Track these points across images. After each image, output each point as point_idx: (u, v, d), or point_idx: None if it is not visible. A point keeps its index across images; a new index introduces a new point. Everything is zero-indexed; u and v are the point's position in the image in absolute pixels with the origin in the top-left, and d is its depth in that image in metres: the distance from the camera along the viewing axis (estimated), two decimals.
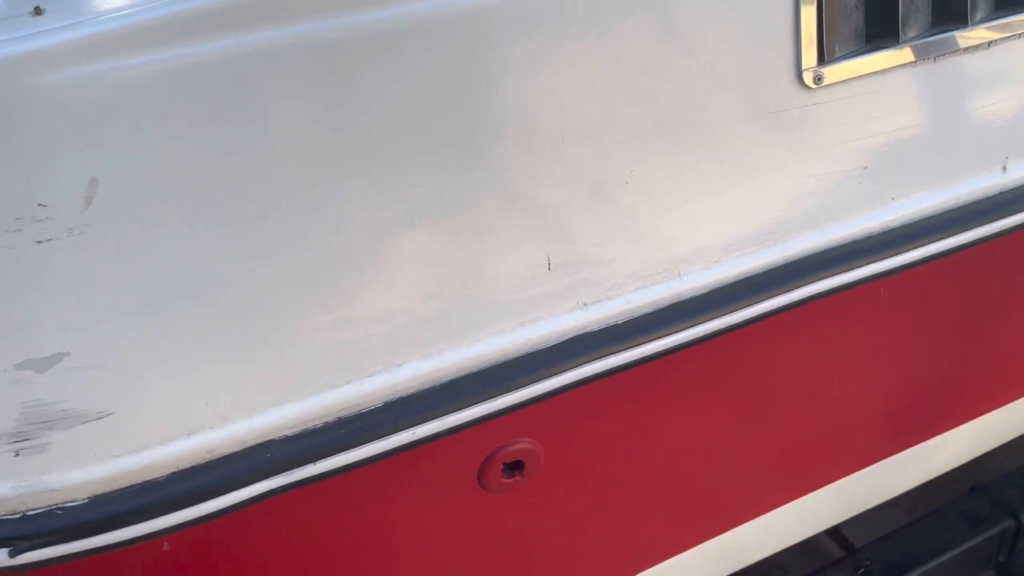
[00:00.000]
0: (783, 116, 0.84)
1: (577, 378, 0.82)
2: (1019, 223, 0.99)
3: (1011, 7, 0.93)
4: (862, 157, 0.90)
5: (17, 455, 0.64)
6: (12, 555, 0.65)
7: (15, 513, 0.65)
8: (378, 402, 0.75)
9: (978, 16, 0.91)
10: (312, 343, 0.72)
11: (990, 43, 0.92)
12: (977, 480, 1.68)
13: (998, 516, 1.76)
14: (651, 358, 0.85)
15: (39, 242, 0.61)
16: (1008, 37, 0.93)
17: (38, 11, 0.65)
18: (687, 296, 0.85)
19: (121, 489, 0.68)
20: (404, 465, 0.81)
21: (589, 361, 0.82)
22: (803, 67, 0.83)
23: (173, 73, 0.61)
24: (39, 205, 0.60)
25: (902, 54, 0.87)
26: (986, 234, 0.98)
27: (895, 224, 0.93)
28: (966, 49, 0.91)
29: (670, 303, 0.84)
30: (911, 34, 0.88)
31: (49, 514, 0.66)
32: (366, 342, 0.74)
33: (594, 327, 0.82)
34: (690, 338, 0.85)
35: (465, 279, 0.76)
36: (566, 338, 0.81)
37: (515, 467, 0.90)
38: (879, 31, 0.88)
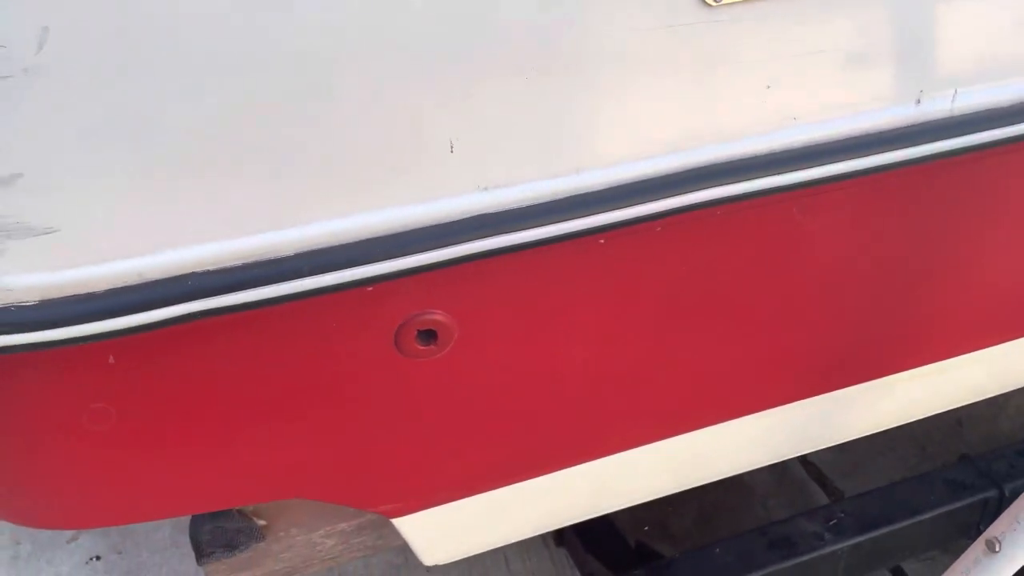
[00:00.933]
0: (682, 30, 0.90)
1: (474, 251, 0.91)
2: (933, 153, 1.02)
3: None
4: (764, 77, 0.95)
5: None
6: None
7: None
8: (289, 252, 0.86)
9: None
10: (229, 192, 0.83)
11: None
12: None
13: (982, 485, 1.77)
14: (544, 242, 0.93)
15: (1, 77, 0.73)
16: None
17: None
18: (585, 190, 0.93)
19: (66, 297, 0.81)
20: (321, 312, 0.92)
21: (485, 237, 0.91)
22: None
23: None
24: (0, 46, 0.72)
25: None
26: (897, 160, 1.01)
27: (797, 144, 0.98)
28: None
29: (568, 195, 0.92)
30: None
31: (5, 310, 0.80)
32: (280, 199, 0.85)
33: (493, 208, 0.91)
34: (586, 226, 0.93)
35: (374, 151, 0.86)
36: (468, 215, 0.90)
37: (430, 336, 1.00)
38: None
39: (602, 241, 0.96)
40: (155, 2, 0.74)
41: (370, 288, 0.90)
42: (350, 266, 0.88)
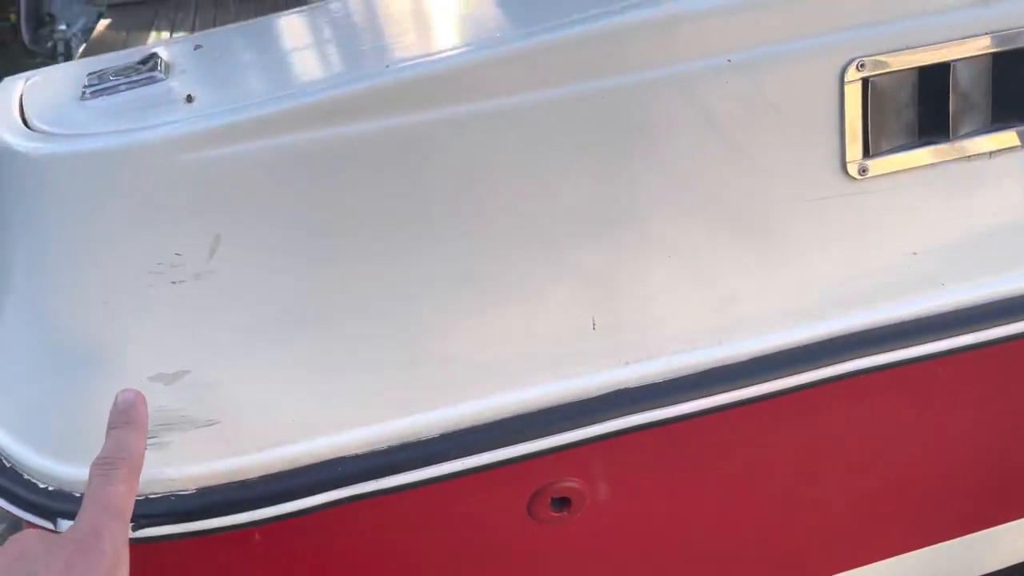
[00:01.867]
0: (827, 203, 0.88)
1: (616, 428, 0.89)
2: None
3: None
4: (911, 244, 0.92)
5: (145, 448, 0.79)
6: (134, 529, 0.79)
7: (140, 496, 0.79)
8: (435, 433, 0.85)
9: None
10: (382, 378, 0.83)
11: None
12: None
13: None
14: (688, 417, 0.90)
15: (173, 283, 0.76)
16: None
17: (190, 99, 0.80)
18: (727, 362, 0.90)
19: (221, 484, 0.82)
20: (461, 490, 0.91)
21: (628, 414, 0.89)
22: (847, 159, 0.87)
23: (283, 155, 0.75)
24: (176, 254, 0.75)
25: (954, 149, 0.89)
26: None
27: (946, 308, 0.94)
28: None
29: (710, 367, 0.90)
30: (964, 131, 0.89)
31: (165, 499, 0.81)
32: (429, 380, 0.85)
33: (634, 383, 0.89)
34: (729, 401, 0.90)
35: (516, 333, 0.85)
36: (606, 391, 0.89)
37: (563, 503, 0.98)
38: (936, 125, 0.90)
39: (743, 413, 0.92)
40: (305, 213, 0.77)
41: (513, 464, 0.89)
42: (497, 445, 0.87)
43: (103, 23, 2.31)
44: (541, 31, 0.79)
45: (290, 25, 1.01)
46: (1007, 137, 0.91)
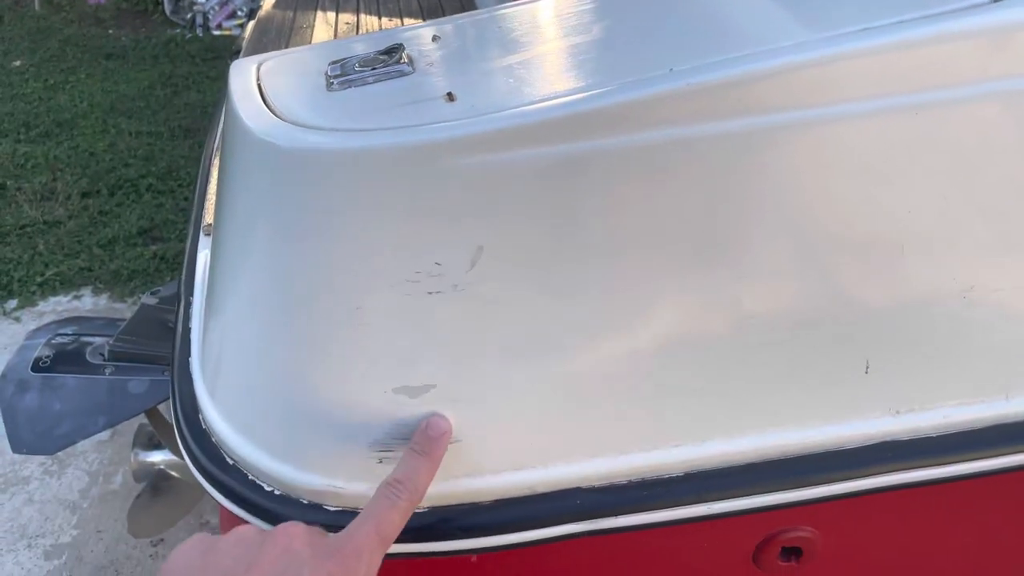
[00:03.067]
0: None
1: (874, 485, 0.80)
2: None
3: None
4: None
5: (380, 462, 0.75)
6: None
7: None
8: (678, 471, 0.79)
9: None
10: (627, 408, 0.77)
11: None
12: None
13: None
14: (959, 478, 0.81)
15: (430, 293, 0.71)
16: None
17: (451, 97, 0.75)
18: (1012, 420, 0.80)
19: (454, 505, 0.77)
20: (690, 532, 0.84)
21: (890, 471, 0.80)
22: None
23: (550, 166, 0.69)
24: (435, 263, 0.70)
25: None
26: None
27: None
28: None
29: (992, 423, 0.80)
30: None
31: None
32: (675, 415, 0.78)
33: (903, 436, 0.80)
34: (1008, 464, 0.80)
35: (779, 371, 0.77)
36: (872, 442, 0.80)
37: (792, 552, 0.90)
38: None
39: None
40: (574, 230, 0.71)
41: (756, 513, 0.81)
42: (738, 492, 0.79)
43: (269, 1, 2.33)
44: (850, 36, 0.70)
45: (525, 19, 0.95)
46: None
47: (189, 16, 5.82)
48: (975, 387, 0.79)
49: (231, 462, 0.81)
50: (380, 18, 2.14)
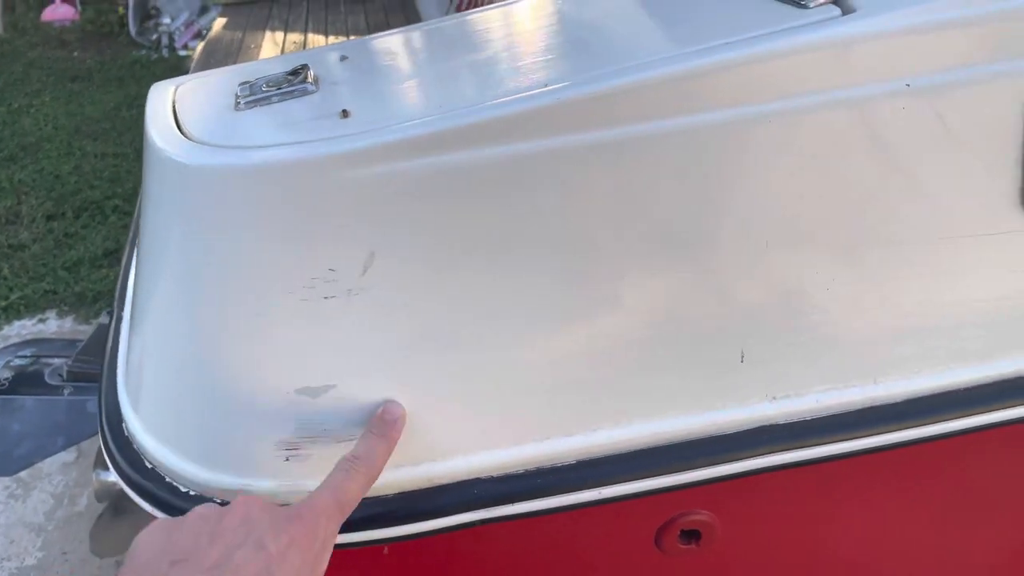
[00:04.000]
0: (1001, 239, 0.82)
1: (757, 466, 0.85)
2: None
3: None
4: None
5: (287, 460, 0.79)
6: None
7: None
8: (571, 459, 0.83)
9: None
10: (520, 401, 0.81)
11: None
12: None
13: None
14: (835, 458, 0.86)
15: (326, 297, 0.76)
16: None
17: (345, 114, 0.80)
18: (880, 403, 0.85)
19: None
20: (590, 518, 0.88)
21: (771, 452, 0.85)
22: None
23: (432, 175, 0.73)
24: (329, 270, 0.75)
25: None
26: None
27: None
28: None
29: (862, 407, 0.85)
30: None
31: None
32: (566, 406, 0.82)
33: (780, 420, 0.85)
34: (879, 444, 0.85)
35: (661, 362, 0.82)
36: (752, 426, 0.85)
37: (692, 535, 0.94)
38: None
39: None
40: (460, 234, 0.75)
41: (648, 496, 0.86)
42: (628, 477, 0.84)
43: (220, 22, 2.37)
44: (713, 49, 0.76)
45: (433, 37, 1.00)
46: None
47: (154, 37, 5.84)
48: (844, 373, 0.84)
49: (150, 466, 0.85)
50: (327, 37, 2.19)
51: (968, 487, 0.92)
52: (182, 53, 5.68)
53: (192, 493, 0.82)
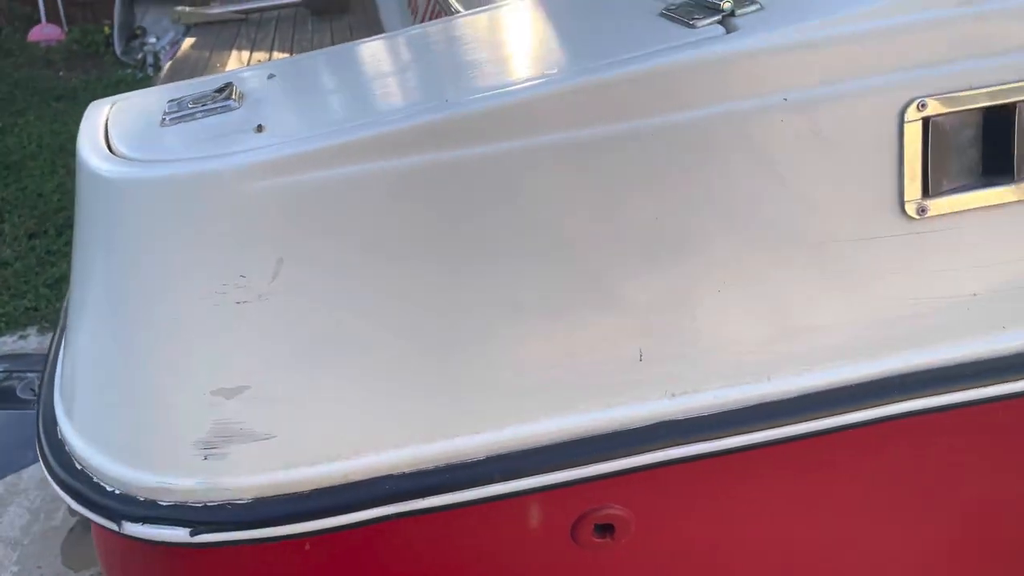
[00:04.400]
0: (884, 242, 0.86)
1: (660, 459, 0.89)
2: None
3: None
4: (972, 285, 0.89)
5: (206, 459, 0.83)
6: (192, 535, 0.83)
7: (199, 502, 0.83)
8: (480, 455, 0.87)
9: None
10: (432, 401, 0.85)
11: None
12: None
13: None
14: (733, 451, 0.89)
15: (238, 302, 0.79)
16: None
17: (260, 128, 0.84)
18: (773, 399, 0.89)
19: (275, 496, 0.85)
20: (505, 512, 0.92)
21: (672, 446, 0.89)
22: (906, 199, 0.85)
23: (336, 185, 0.78)
24: (240, 276, 0.79)
25: (1019, 191, 0.87)
26: None
27: (1007, 352, 0.91)
28: None
29: (756, 403, 0.89)
30: None
31: (222, 507, 0.84)
32: (474, 405, 0.86)
33: (679, 416, 0.89)
34: (773, 437, 0.89)
35: (565, 361, 0.86)
36: (652, 422, 0.89)
37: (607, 529, 0.98)
38: (1000, 166, 0.88)
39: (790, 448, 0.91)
40: (361, 240, 0.79)
41: (556, 489, 0.89)
42: (539, 470, 0.88)
43: (188, 42, 2.42)
44: (602, 67, 0.80)
45: (361, 55, 1.04)
46: None
47: (140, 56, 5.88)
48: (739, 371, 0.88)
49: (80, 468, 0.88)
50: (292, 55, 2.23)
51: (864, 479, 0.96)
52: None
53: (117, 492, 0.86)
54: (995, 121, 0.85)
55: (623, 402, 0.88)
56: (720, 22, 0.84)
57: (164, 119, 0.90)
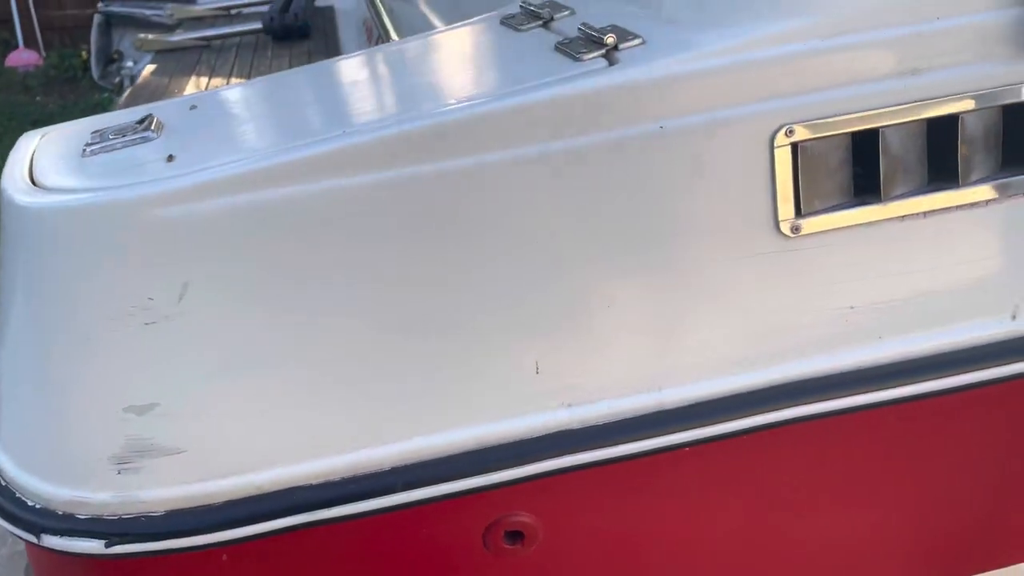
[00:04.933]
0: (762, 259, 0.91)
1: (560, 466, 0.93)
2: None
3: (1014, 167, 0.94)
4: (848, 299, 0.94)
5: (119, 473, 0.86)
6: (107, 546, 0.86)
7: (114, 515, 0.86)
8: (387, 466, 0.91)
9: (973, 177, 0.93)
10: (337, 414, 0.89)
11: (988, 201, 0.94)
12: None
13: None
14: (629, 457, 0.93)
15: (146, 324, 0.83)
16: (1011, 196, 0.94)
17: (170, 159, 0.88)
18: (667, 407, 0.94)
19: (189, 508, 0.88)
20: (417, 519, 0.95)
21: (570, 454, 0.93)
22: (780, 219, 0.90)
23: (240, 211, 0.81)
24: (148, 299, 0.82)
25: (887, 210, 0.92)
26: (992, 378, 0.97)
27: (883, 361, 0.95)
28: (960, 207, 0.93)
29: (647, 412, 0.93)
30: (898, 192, 0.92)
31: (136, 520, 0.87)
32: (380, 418, 0.90)
33: (575, 425, 0.93)
34: (664, 444, 0.93)
35: (465, 374, 0.90)
36: (551, 431, 0.93)
37: (516, 536, 1.01)
38: (870, 186, 0.93)
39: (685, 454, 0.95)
40: (262, 264, 0.83)
41: (460, 498, 0.93)
42: (443, 479, 0.91)
43: (148, 68, 2.46)
44: (483, 101, 0.85)
45: (280, 85, 1.09)
46: (941, 198, 0.93)
47: (117, 80, 5.90)
48: (632, 381, 0.92)
49: (4, 484, 0.91)
50: (229, 84, 2.27)
51: (752, 483, 1.00)
52: None
53: (38, 506, 0.88)
54: (862, 144, 0.90)
55: (523, 412, 0.92)
56: (605, 55, 0.89)
57: (85, 150, 0.94)
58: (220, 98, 1.08)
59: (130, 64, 6.05)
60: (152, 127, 0.96)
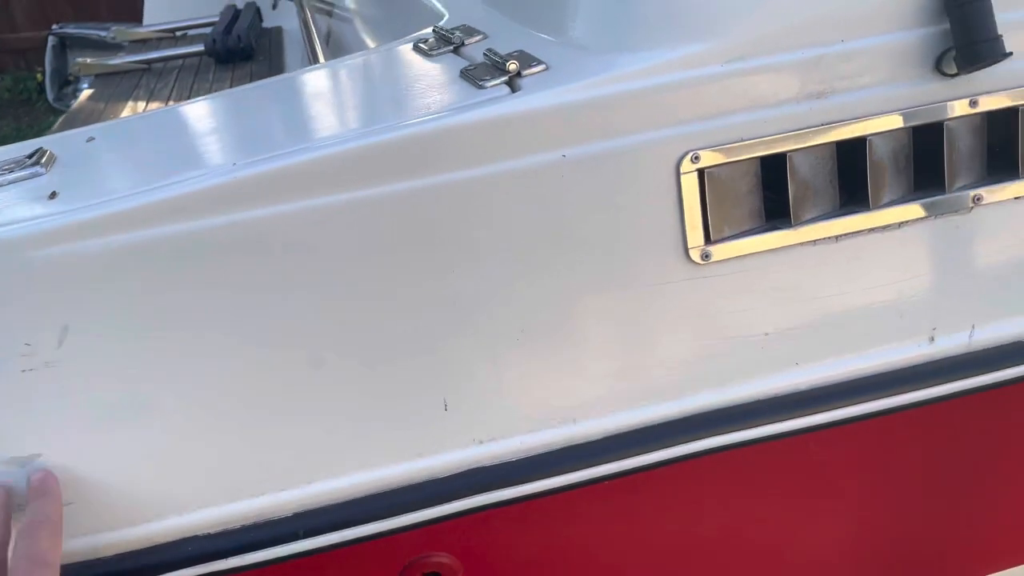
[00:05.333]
0: (672, 287, 0.88)
1: (474, 505, 0.89)
2: (949, 393, 0.95)
3: (926, 189, 0.93)
4: (763, 324, 0.91)
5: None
6: None
7: None
8: (288, 512, 0.86)
9: (884, 199, 0.91)
10: (233, 460, 0.84)
11: (901, 224, 0.92)
12: None
13: None
14: (544, 494, 0.90)
15: (23, 371, 0.78)
16: (923, 218, 0.93)
17: (53, 195, 0.83)
18: (580, 441, 0.90)
19: (77, 563, 0.83)
20: (328, 565, 0.91)
21: (483, 491, 0.89)
22: (689, 246, 0.87)
23: (121, 252, 0.77)
24: (25, 344, 0.77)
25: (798, 234, 0.90)
26: (911, 401, 0.95)
27: (801, 387, 0.93)
28: (872, 230, 0.91)
29: (561, 446, 0.90)
30: (809, 216, 0.90)
31: None
32: (280, 462, 0.85)
33: (487, 462, 0.89)
34: (581, 479, 0.90)
35: (369, 413, 0.86)
36: (463, 469, 0.89)
37: None
38: (781, 210, 0.91)
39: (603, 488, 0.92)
40: (145, 305, 0.79)
41: (372, 541, 0.89)
42: (351, 523, 0.87)
43: (87, 93, 2.39)
44: (377, 131, 0.81)
45: (180, 116, 1.04)
46: (853, 221, 0.91)
47: (73, 103, 5.80)
48: (544, 416, 0.89)
49: None
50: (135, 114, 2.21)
51: (675, 513, 0.97)
52: None
53: None
54: (771, 169, 0.88)
55: (433, 451, 0.88)
56: (507, 82, 0.86)
57: None
58: (119, 129, 1.03)
59: (85, 86, 5.96)
60: (42, 161, 0.91)
